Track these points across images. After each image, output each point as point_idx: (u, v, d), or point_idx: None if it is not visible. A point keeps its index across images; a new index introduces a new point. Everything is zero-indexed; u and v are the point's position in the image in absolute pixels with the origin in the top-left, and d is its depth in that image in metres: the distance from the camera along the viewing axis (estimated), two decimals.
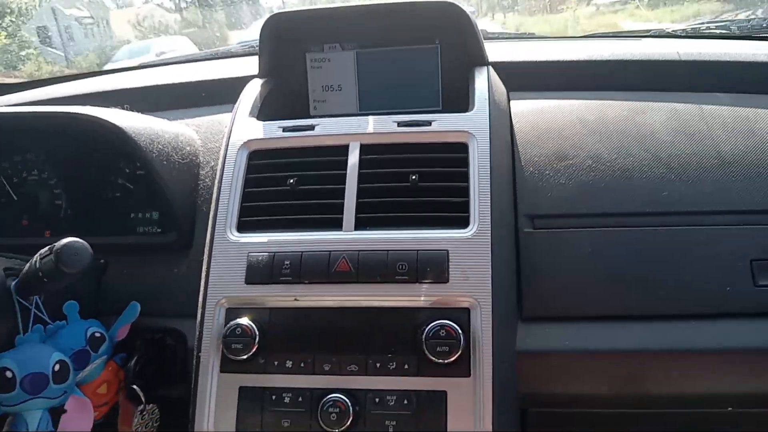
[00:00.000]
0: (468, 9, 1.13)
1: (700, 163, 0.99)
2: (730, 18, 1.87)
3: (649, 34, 1.61)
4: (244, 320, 0.88)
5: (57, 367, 0.84)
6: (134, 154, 1.05)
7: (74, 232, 0.88)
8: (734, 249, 0.93)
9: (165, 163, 1.07)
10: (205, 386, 0.88)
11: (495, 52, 1.21)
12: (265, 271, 0.90)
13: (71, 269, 0.79)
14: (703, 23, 1.75)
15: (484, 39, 1.15)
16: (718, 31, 1.64)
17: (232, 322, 0.88)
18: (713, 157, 1.00)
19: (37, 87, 1.60)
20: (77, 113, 1.06)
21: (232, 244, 0.94)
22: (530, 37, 1.71)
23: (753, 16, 1.72)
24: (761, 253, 0.92)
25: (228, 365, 0.88)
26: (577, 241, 0.96)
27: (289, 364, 0.87)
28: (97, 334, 0.94)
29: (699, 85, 1.17)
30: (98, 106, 1.11)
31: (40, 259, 0.81)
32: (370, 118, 1.02)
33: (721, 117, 1.07)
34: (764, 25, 1.61)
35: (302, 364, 0.87)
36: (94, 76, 1.68)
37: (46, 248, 0.81)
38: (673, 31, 1.67)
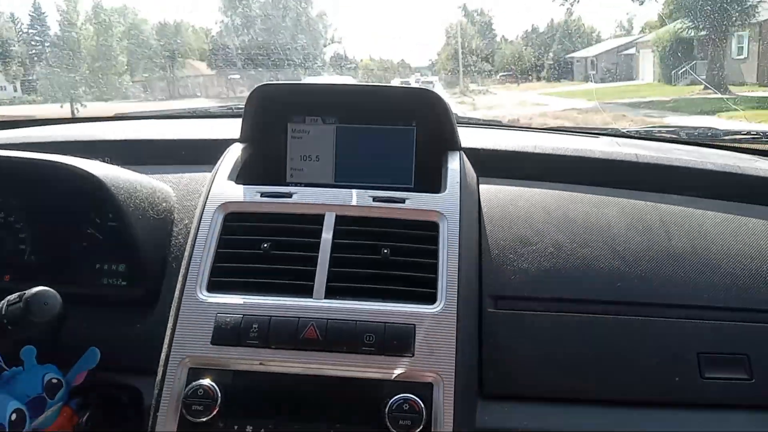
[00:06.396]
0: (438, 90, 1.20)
1: (651, 258, 1.06)
2: (679, 125, 2.03)
3: (605, 132, 1.73)
4: (207, 381, 0.87)
5: (13, 417, 0.82)
6: (111, 207, 1.06)
7: (36, 279, 0.87)
8: (682, 342, 0.98)
9: (140, 218, 1.07)
10: None
11: (465, 137, 1.27)
12: (232, 332, 0.90)
13: (40, 318, 0.78)
14: (654, 127, 1.89)
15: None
16: (668, 135, 1.78)
17: (194, 383, 0.87)
18: (663, 253, 1.07)
19: (14, 128, 1.59)
20: (61, 163, 1.06)
21: (201, 303, 0.94)
22: (498, 125, 1.81)
23: (699, 126, 1.87)
24: (707, 346, 0.98)
25: (186, 427, 0.86)
26: (537, 323, 1.00)
27: (249, 429, 0.86)
28: (54, 381, 0.92)
29: (652, 186, 1.26)
30: (77, 154, 1.12)
31: (8, 305, 0.79)
32: (347, 191, 1.06)
33: (672, 216, 1.15)
34: (709, 134, 1.76)
35: (262, 430, 0.86)
36: (75, 122, 1.69)
37: (15, 295, 0.80)
38: (627, 131, 1.80)
